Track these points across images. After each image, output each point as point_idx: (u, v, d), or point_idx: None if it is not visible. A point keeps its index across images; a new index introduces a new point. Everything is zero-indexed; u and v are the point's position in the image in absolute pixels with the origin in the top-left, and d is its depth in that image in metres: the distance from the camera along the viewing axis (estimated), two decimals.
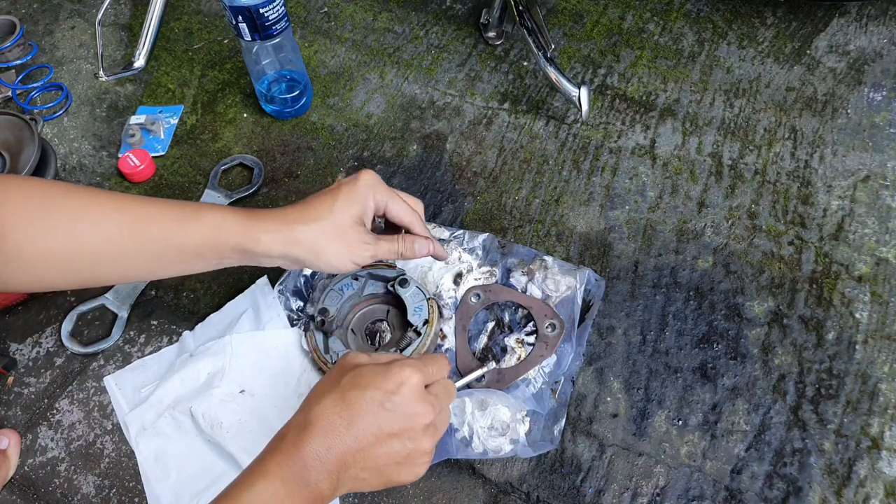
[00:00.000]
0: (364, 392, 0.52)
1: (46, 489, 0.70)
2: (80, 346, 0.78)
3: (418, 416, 0.54)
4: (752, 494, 0.65)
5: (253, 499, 0.49)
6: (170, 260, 0.60)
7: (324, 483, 0.51)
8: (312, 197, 0.64)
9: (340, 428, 0.51)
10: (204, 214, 0.60)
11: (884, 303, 0.75)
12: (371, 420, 0.52)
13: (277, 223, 0.61)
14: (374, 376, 0.54)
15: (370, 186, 0.64)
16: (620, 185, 0.87)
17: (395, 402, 0.53)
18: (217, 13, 1.13)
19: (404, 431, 0.53)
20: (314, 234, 0.61)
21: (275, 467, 0.50)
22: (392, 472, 0.54)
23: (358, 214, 0.63)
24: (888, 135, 0.88)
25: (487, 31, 1.04)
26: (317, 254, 0.62)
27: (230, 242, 0.60)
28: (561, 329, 0.72)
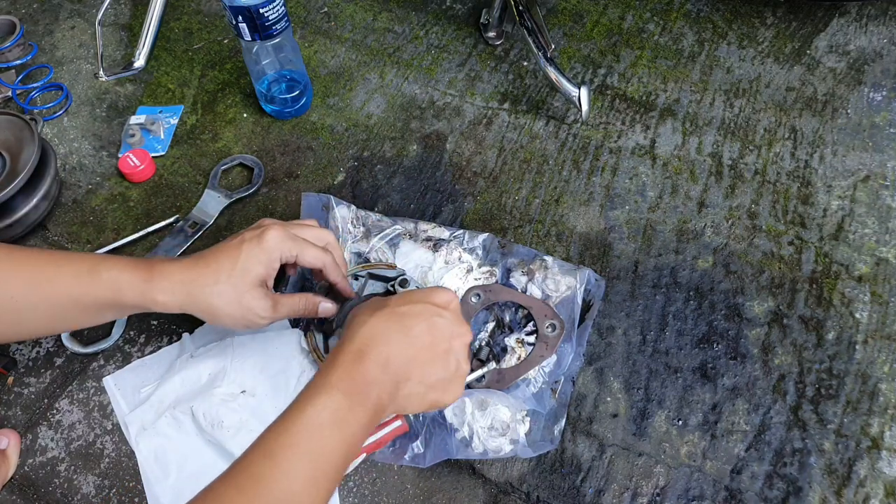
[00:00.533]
0: (415, 305, 0.55)
1: (46, 489, 0.70)
2: (80, 346, 0.78)
3: (463, 335, 0.57)
4: (752, 494, 0.65)
5: (316, 412, 0.50)
6: (73, 315, 0.62)
7: (384, 394, 0.52)
8: (214, 253, 0.63)
9: (398, 337, 0.54)
10: (101, 273, 0.60)
11: (884, 303, 0.75)
12: (425, 328, 0.54)
13: (174, 284, 0.61)
14: (421, 294, 0.57)
15: (274, 244, 0.63)
16: (620, 185, 0.87)
17: (446, 316, 0.55)
18: (217, 13, 1.13)
19: (451, 347, 0.56)
20: (211, 300, 0.61)
21: (337, 381, 0.51)
22: (439, 390, 0.56)
23: (258, 277, 0.62)
24: (888, 135, 0.88)
25: (487, 31, 1.04)
26: (212, 318, 0.62)
27: (129, 302, 0.61)
28: (561, 329, 0.72)
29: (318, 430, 0.49)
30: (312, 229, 0.68)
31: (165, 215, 0.89)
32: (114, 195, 0.92)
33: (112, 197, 0.92)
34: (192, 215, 0.88)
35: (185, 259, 0.63)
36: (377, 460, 0.68)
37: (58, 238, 0.88)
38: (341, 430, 0.50)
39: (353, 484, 0.68)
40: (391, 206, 0.87)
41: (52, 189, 0.88)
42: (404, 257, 0.79)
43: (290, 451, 0.48)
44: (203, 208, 0.88)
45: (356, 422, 0.51)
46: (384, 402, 0.52)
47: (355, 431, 0.51)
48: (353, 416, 0.51)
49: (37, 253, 0.63)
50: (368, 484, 0.68)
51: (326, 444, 0.49)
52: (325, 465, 0.49)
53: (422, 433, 0.68)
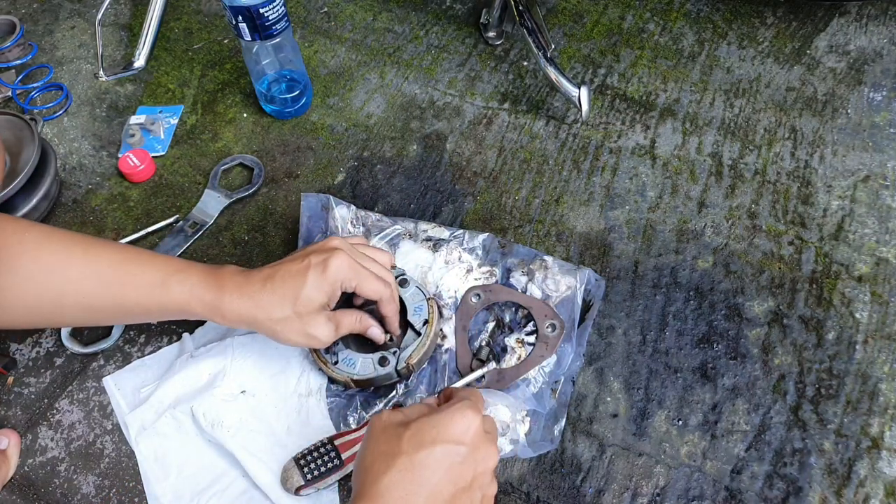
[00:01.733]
0: (433, 449, 0.50)
1: (46, 489, 0.70)
2: (80, 346, 0.78)
3: (487, 461, 0.52)
4: (752, 494, 0.65)
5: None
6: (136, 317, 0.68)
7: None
8: (282, 277, 0.63)
9: (416, 497, 0.49)
10: (172, 286, 0.63)
11: (884, 303, 0.75)
12: (445, 479, 0.50)
13: (244, 299, 0.63)
14: (436, 429, 0.51)
15: (339, 276, 0.64)
16: (620, 185, 0.87)
17: (464, 452, 0.50)
18: (217, 13, 1.13)
19: (475, 479, 0.51)
20: (274, 326, 0.63)
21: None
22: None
23: (323, 303, 0.64)
24: (888, 135, 0.88)
25: (487, 31, 1.04)
26: (276, 336, 0.64)
27: (195, 314, 0.64)
28: (561, 329, 0.72)
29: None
30: (377, 253, 0.70)
31: (165, 215, 0.89)
32: (114, 195, 0.92)
33: (112, 197, 0.92)
34: (192, 215, 0.88)
35: (254, 275, 0.64)
36: None
37: None
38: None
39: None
40: (391, 206, 0.87)
41: (52, 189, 0.88)
42: (404, 257, 0.79)
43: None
44: (203, 208, 0.88)
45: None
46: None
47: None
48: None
49: (113, 253, 0.64)
50: None
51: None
52: None
53: None
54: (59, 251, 0.61)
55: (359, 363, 0.69)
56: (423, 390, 0.72)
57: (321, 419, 0.70)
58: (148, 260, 0.64)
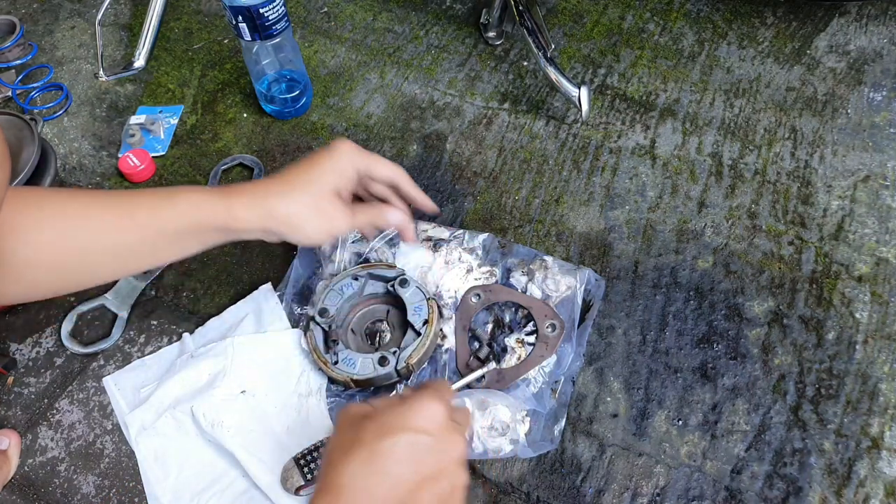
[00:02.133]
0: (396, 439, 0.48)
1: (46, 489, 0.70)
2: (80, 346, 0.78)
3: (453, 450, 0.51)
4: (752, 494, 0.65)
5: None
6: (155, 246, 0.62)
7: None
8: (292, 167, 0.64)
9: (378, 488, 0.47)
10: (179, 198, 0.61)
11: (884, 303, 0.75)
12: (408, 468, 0.48)
13: (255, 198, 0.62)
14: (399, 418, 0.50)
15: (349, 156, 0.65)
16: (620, 185, 0.87)
17: (427, 442, 0.49)
18: (217, 13, 1.13)
19: (442, 470, 0.49)
20: (291, 208, 0.62)
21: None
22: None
23: (336, 186, 0.64)
24: (888, 135, 0.88)
25: (487, 31, 1.04)
26: (294, 228, 0.63)
27: (210, 221, 0.61)
28: (561, 329, 0.72)
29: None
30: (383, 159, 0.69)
31: None
32: None
33: None
34: None
35: (261, 181, 0.64)
36: None
37: None
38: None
39: None
40: None
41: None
42: (404, 257, 0.79)
43: None
44: None
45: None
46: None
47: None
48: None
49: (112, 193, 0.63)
50: None
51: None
52: None
53: None
54: (77, 211, 0.59)
55: (359, 363, 0.69)
56: None
57: (321, 419, 0.70)
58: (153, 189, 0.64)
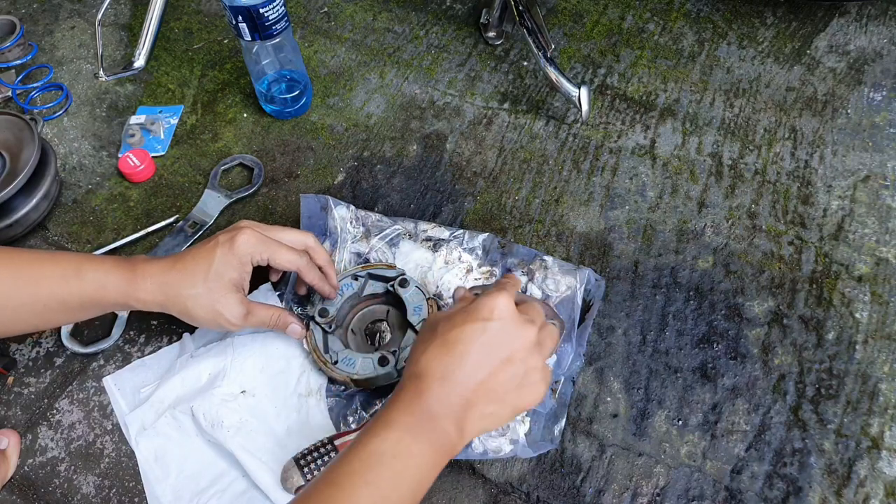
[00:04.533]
0: (463, 328, 0.54)
1: (46, 489, 0.70)
2: (80, 346, 0.78)
3: (521, 335, 0.55)
4: (752, 494, 0.65)
5: (376, 444, 0.50)
6: (58, 314, 0.66)
7: (450, 427, 0.52)
8: (192, 255, 0.65)
9: (453, 368, 0.53)
10: (86, 273, 0.63)
11: (884, 303, 0.75)
12: (479, 350, 0.53)
13: (155, 285, 0.64)
14: (465, 314, 0.55)
15: (245, 249, 0.65)
16: (620, 185, 0.87)
17: (495, 327, 0.54)
18: (217, 13, 1.13)
19: (514, 353, 0.54)
20: (185, 302, 0.64)
21: (397, 416, 0.52)
22: (515, 398, 0.55)
23: (231, 281, 0.65)
24: (888, 135, 0.88)
25: (487, 31, 1.04)
26: (189, 317, 0.66)
27: (112, 299, 0.64)
28: (561, 329, 0.72)
29: (379, 460, 0.50)
30: (289, 232, 0.70)
31: (165, 215, 0.89)
32: (114, 195, 0.92)
33: (112, 197, 0.92)
34: (192, 215, 0.88)
35: (166, 259, 0.66)
36: None
37: (58, 238, 0.88)
38: (403, 463, 0.50)
39: None
40: (391, 206, 0.87)
41: (52, 189, 0.88)
42: (404, 257, 0.79)
43: (354, 478, 0.49)
44: (203, 208, 0.88)
45: (420, 455, 0.51)
46: (452, 434, 0.52)
47: (420, 464, 0.51)
48: (418, 449, 0.51)
49: (22, 254, 0.65)
50: None
51: (388, 474, 0.50)
52: (390, 494, 0.49)
53: None
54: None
55: (359, 363, 0.69)
56: None
57: (321, 419, 0.70)
58: (61, 255, 0.65)
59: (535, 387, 0.56)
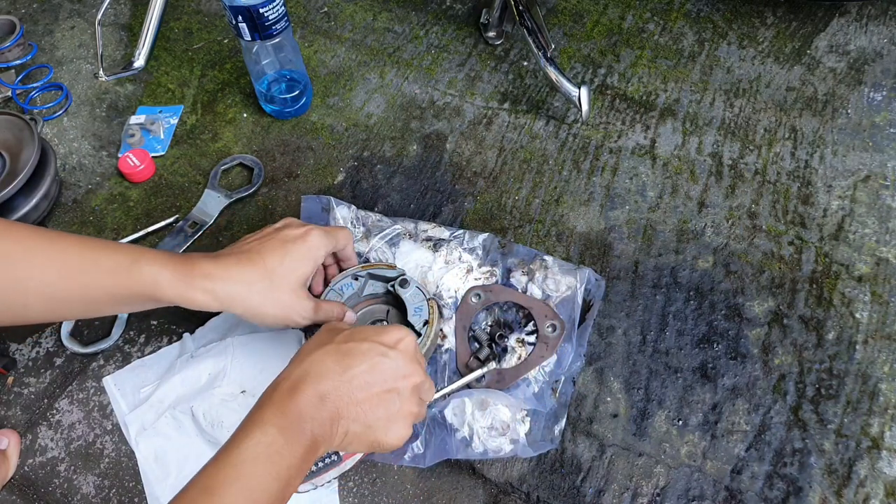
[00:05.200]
0: (361, 344, 0.54)
1: (46, 489, 0.70)
2: (79, 346, 0.78)
3: (410, 375, 0.55)
4: (753, 494, 0.65)
5: (251, 448, 0.49)
6: (102, 306, 0.61)
7: (318, 431, 0.51)
8: (259, 251, 0.63)
9: (335, 373, 0.52)
10: (141, 268, 0.59)
11: (884, 303, 0.75)
12: (366, 368, 0.53)
13: (216, 283, 0.60)
14: (370, 332, 0.55)
15: (320, 242, 0.65)
16: (620, 185, 0.87)
17: (391, 356, 0.54)
18: (217, 13, 1.13)
19: (395, 388, 0.54)
20: (252, 298, 0.61)
21: (271, 416, 0.50)
22: (379, 430, 0.55)
23: (304, 276, 0.64)
24: (888, 135, 0.88)
25: (487, 31, 1.04)
26: (254, 316, 0.63)
27: (166, 298, 0.60)
28: (561, 329, 0.72)
29: (253, 464, 0.48)
30: (339, 229, 0.71)
31: (165, 215, 0.88)
32: (114, 195, 0.92)
33: (112, 197, 0.92)
34: (191, 215, 0.88)
35: (226, 257, 0.62)
36: (377, 461, 0.68)
37: None
38: (276, 465, 0.49)
39: (353, 484, 0.68)
40: (391, 206, 0.87)
41: (52, 189, 0.88)
42: (404, 257, 0.79)
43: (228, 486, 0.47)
44: (203, 208, 0.88)
45: (291, 455, 0.50)
46: (319, 438, 0.52)
47: (291, 465, 0.50)
48: (289, 450, 0.50)
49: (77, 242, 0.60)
50: (368, 484, 0.68)
51: (262, 479, 0.49)
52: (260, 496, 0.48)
53: (422, 433, 0.68)
54: (21, 240, 0.58)
55: None
56: None
57: None
58: (114, 246, 0.61)
59: (403, 427, 0.56)
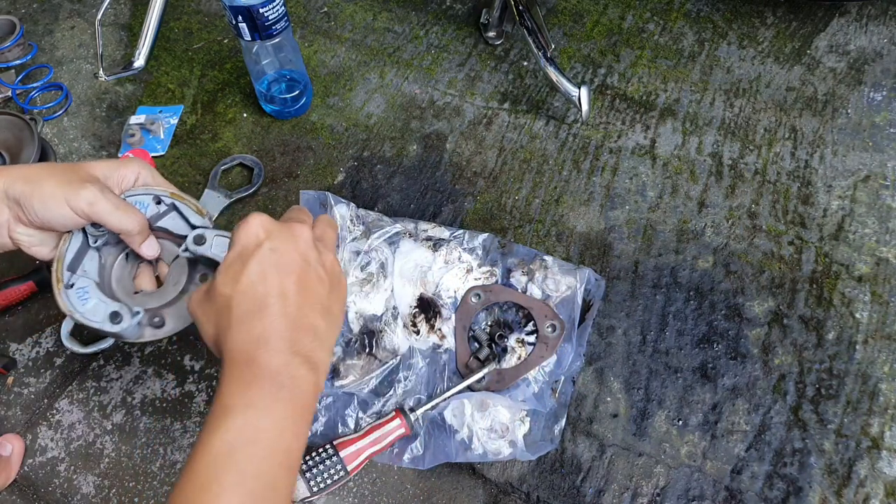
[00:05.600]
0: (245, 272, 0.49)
1: (46, 489, 0.70)
2: (79, 346, 0.77)
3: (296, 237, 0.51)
4: (753, 494, 0.65)
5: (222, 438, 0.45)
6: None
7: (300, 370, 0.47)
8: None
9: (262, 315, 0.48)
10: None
11: (884, 303, 0.75)
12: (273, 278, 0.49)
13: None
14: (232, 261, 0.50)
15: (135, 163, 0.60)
16: (620, 185, 0.87)
17: (269, 246, 0.49)
18: (217, 13, 1.13)
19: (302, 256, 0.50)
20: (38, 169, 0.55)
21: (235, 399, 0.46)
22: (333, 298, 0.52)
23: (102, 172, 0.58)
24: (888, 135, 0.88)
25: (487, 31, 1.04)
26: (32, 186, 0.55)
27: None
28: (561, 329, 0.72)
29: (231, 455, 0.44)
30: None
31: None
32: None
33: None
34: None
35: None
36: (377, 461, 0.68)
37: None
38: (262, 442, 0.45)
39: (352, 484, 0.68)
40: (391, 206, 0.87)
41: None
42: (404, 257, 0.79)
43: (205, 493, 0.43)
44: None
45: (277, 420, 0.46)
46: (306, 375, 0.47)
47: (282, 428, 0.46)
48: (270, 420, 0.46)
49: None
50: (368, 484, 0.68)
51: (249, 464, 0.45)
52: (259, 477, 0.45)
53: (421, 434, 0.68)
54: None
55: (92, 303, 0.59)
56: (423, 390, 0.72)
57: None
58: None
59: (340, 284, 0.53)
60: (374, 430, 0.66)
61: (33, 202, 0.55)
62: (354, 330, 0.75)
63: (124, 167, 0.61)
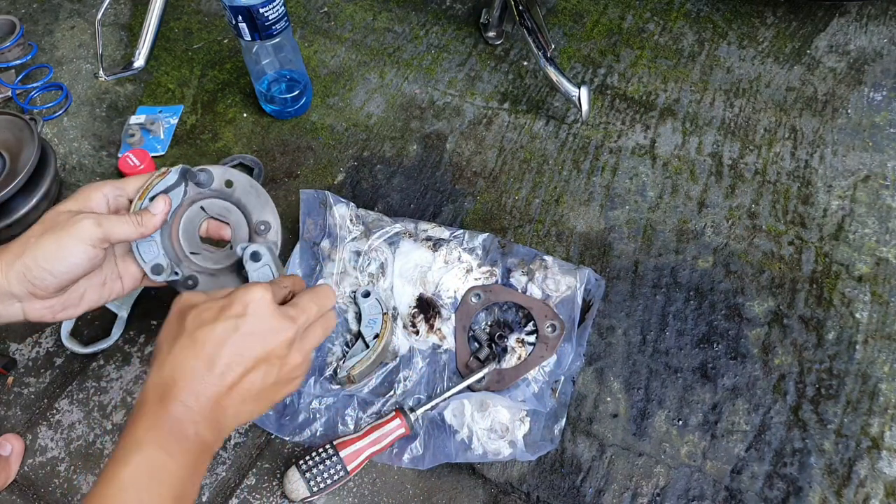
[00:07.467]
0: (214, 326, 0.49)
1: (46, 489, 0.70)
2: (79, 346, 0.78)
3: (277, 332, 0.51)
4: (752, 494, 0.65)
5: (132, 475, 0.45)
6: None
7: (205, 431, 0.48)
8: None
9: (202, 371, 0.49)
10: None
11: (884, 303, 0.75)
12: (230, 351, 0.49)
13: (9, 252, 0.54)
14: (217, 308, 0.50)
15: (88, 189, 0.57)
16: (620, 185, 0.87)
17: (248, 324, 0.50)
18: (217, 13, 1.13)
19: (269, 352, 0.51)
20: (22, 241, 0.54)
21: (144, 433, 0.47)
22: (272, 394, 0.52)
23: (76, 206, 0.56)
24: (888, 135, 0.88)
25: (487, 31, 1.04)
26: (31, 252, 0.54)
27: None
28: (561, 329, 0.72)
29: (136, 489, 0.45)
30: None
31: None
32: None
33: None
34: None
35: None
36: (377, 461, 0.68)
37: None
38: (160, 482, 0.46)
39: (352, 484, 0.68)
40: (391, 206, 0.87)
41: (51, 189, 0.88)
42: (404, 257, 0.79)
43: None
44: None
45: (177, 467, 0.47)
46: (206, 438, 0.48)
47: (180, 475, 0.47)
48: (173, 465, 0.46)
49: None
50: (368, 484, 0.68)
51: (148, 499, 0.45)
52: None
53: (421, 434, 0.68)
54: None
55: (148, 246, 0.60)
56: (422, 391, 0.72)
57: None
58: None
59: (293, 383, 0.54)
60: (373, 430, 0.66)
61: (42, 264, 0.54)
62: (354, 330, 0.75)
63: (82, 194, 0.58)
